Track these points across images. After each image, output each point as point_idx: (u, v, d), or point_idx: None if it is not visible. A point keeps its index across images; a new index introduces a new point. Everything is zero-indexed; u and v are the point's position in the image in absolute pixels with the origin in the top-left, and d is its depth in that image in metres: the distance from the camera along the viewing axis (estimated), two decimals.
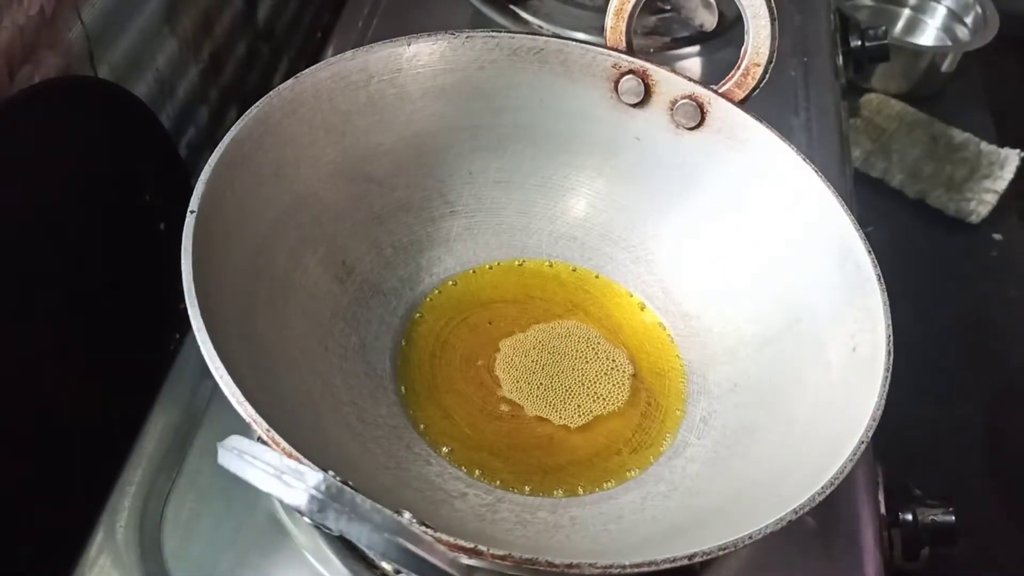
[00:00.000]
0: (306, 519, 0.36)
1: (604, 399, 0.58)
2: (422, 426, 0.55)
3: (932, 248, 1.23)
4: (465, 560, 0.37)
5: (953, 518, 0.61)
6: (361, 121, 0.60)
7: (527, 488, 0.53)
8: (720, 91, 0.59)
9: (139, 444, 0.58)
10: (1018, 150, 1.26)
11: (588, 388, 0.58)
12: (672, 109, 0.61)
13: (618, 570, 0.38)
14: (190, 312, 0.43)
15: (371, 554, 0.50)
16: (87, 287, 0.63)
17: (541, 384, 0.58)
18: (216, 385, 0.42)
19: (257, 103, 0.54)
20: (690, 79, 0.60)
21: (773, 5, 0.57)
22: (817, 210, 0.56)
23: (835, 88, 0.87)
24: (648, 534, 0.50)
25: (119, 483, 0.56)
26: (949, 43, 1.42)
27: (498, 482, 0.53)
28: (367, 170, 0.61)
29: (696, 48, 0.86)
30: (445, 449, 0.54)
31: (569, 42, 0.61)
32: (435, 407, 0.57)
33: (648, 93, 0.61)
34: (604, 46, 0.61)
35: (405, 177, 0.63)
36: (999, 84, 1.42)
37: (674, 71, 0.60)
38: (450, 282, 0.63)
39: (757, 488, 0.49)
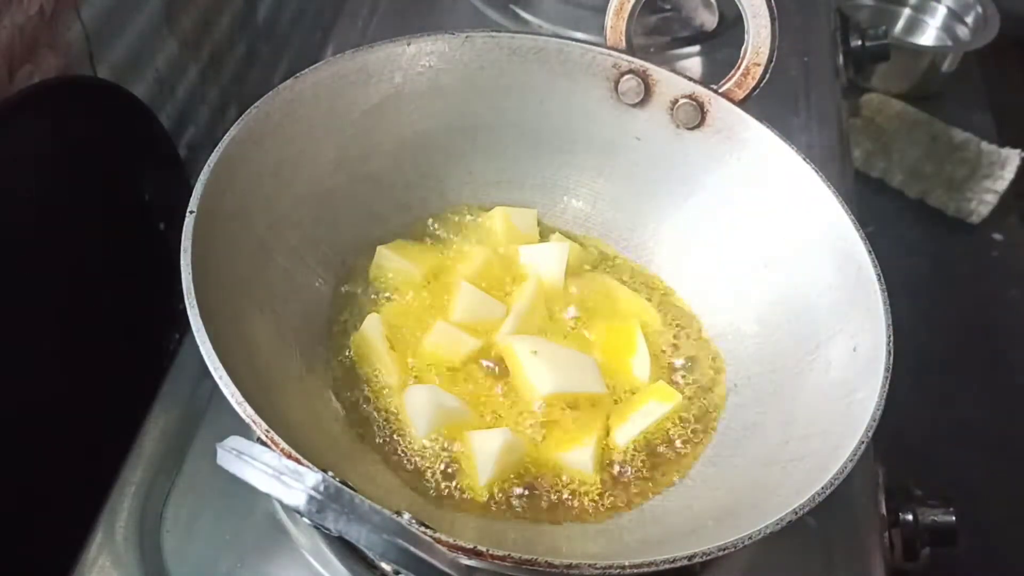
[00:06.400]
0: (305, 520, 0.36)
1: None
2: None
3: (932, 248, 1.23)
4: (464, 561, 0.37)
5: (953, 518, 0.61)
6: (361, 121, 0.60)
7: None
8: (720, 91, 0.59)
9: (139, 444, 0.58)
10: (1019, 150, 1.26)
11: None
12: (672, 109, 0.60)
13: (618, 570, 0.38)
14: (189, 313, 0.43)
15: (370, 555, 0.50)
16: (87, 287, 0.63)
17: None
18: (215, 385, 0.41)
19: (257, 103, 0.54)
20: (690, 79, 0.60)
21: (773, 5, 0.57)
22: (817, 210, 0.56)
23: (835, 88, 0.87)
24: (648, 534, 0.50)
25: (119, 483, 0.56)
26: (949, 43, 1.42)
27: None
28: (367, 170, 0.61)
29: (696, 48, 0.86)
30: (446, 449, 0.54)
31: (569, 42, 0.61)
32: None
33: (648, 93, 0.61)
34: (604, 46, 0.61)
35: (405, 177, 0.63)
36: (999, 84, 1.42)
37: (674, 71, 0.60)
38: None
39: (757, 488, 0.49)
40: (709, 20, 0.85)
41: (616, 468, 0.53)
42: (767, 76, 0.58)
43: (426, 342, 0.56)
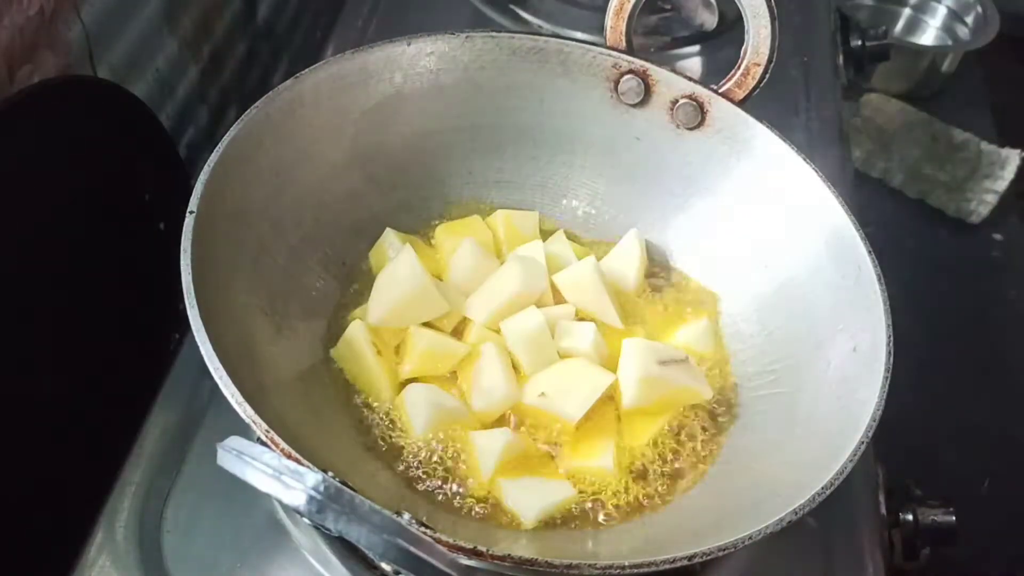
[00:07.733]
0: (305, 520, 0.36)
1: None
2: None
3: (932, 248, 1.23)
4: (464, 561, 0.37)
5: (953, 518, 0.61)
6: (361, 121, 0.60)
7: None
8: (720, 91, 0.59)
9: (139, 444, 0.58)
10: (1018, 150, 1.26)
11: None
12: (672, 109, 0.61)
13: (618, 571, 0.38)
14: (189, 313, 0.43)
15: (370, 555, 0.50)
16: (87, 287, 0.63)
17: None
18: (216, 385, 0.42)
19: (257, 103, 0.54)
20: (690, 79, 0.60)
21: (773, 5, 0.57)
22: (817, 210, 0.56)
23: (835, 88, 0.87)
24: (647, 535, 0.50)
25: (119, 483, 0.56)
26: (949, 43, 1.42)
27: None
28: (367, 170, 0.61)
29: (696, 48, 0.86)
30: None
31: (569, 42, 0.61)
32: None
33: (648, 93, 0.61)
34: (604, 46, 0.61)
35: (405, 177, 0.63)
36: (999, 84, 1.42)
37: (674, 71, 0.60)
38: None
39: (757, 488, 0.49)
40: (709, 20, 0.85)
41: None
42: (767, 76, 0.58)
43: (414, 352, 0.55)
